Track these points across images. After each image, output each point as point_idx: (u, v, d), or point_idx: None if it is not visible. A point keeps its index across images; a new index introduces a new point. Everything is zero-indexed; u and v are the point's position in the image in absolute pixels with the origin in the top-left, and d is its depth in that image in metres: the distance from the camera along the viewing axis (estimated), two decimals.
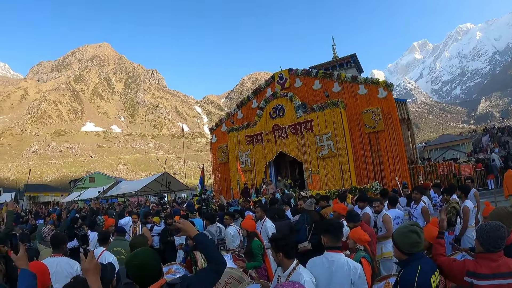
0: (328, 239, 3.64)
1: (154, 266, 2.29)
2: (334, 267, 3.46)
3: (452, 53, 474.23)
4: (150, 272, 2.25)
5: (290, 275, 3.40)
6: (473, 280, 2.81)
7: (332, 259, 3.51)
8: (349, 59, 27.38)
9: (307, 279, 3.28)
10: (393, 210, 7.49)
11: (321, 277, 3.45)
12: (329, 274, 3.45)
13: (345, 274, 3.41)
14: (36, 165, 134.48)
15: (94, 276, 2.24)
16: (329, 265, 3.49)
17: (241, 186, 19.61)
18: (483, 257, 2.86)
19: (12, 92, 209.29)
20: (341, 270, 3.43)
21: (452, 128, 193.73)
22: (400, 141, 17.69)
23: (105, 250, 5.55)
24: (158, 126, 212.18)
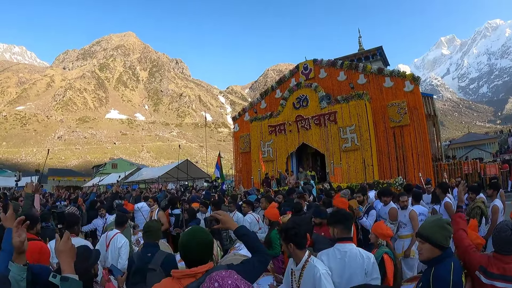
0: (339, 230, 3.52)
1: (211, 244, 2.27)
2: (347, 258, 3.36)
3: (480, 49, 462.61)
4: (207, 251, 2.23)
5: (304, 268, 3.24)
6: (482, 276, 2.74)
7: (345, 250, 3.40)
8: (375, 52, 26.80)
9: (323, 271, 3.12)
10: (417, 206, 7.24)
11: (335, 269, 3.33)
12: (342, 265, 3.35)
13: (358, 264, 3.31)
14: (60, 151, 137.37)
15: (67, 259, 2.11)
16: (342, 256, 3.38)
17: (262, 176, 19.54)
18: (496, 256, 2.77)
19: (38, 79, 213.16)
20: (355, 260, 3.33)
21: (478, 127, 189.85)
22: (425, 137, 17.28)
23: (119, 233, 5.60)
24: (182, 115, 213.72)
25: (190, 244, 2.18)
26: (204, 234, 2.24)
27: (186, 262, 2.19)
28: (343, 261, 3.35)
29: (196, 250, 2.16)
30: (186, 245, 2.19)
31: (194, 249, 2.16)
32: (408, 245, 6.36)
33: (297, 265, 3.30)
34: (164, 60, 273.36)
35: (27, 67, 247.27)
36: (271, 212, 6.12)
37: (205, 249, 2.20)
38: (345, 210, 4.62)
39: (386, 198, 7.10)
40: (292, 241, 3.27)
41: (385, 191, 7.36)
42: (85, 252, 3.10)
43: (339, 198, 6.87)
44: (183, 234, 2.27)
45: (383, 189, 7.89)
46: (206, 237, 2.22)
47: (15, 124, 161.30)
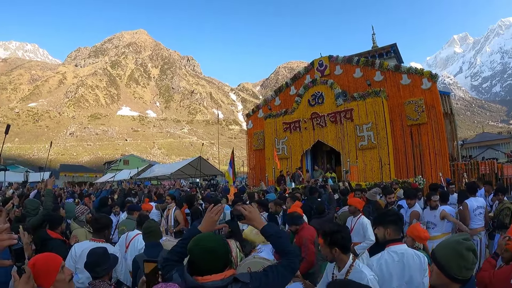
0: (392, 231, 3.37)
1: (221, 252, 2.04)
2: (405, 259, 3.20)
3: (494, 48, 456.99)
4: (212, 259, 2.00)
5: (348, 273, 3.04)
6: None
7: (401, 251, 3.24)
8: (389, 49, 26.32)
9: (370, 277, 2.95)
10: (445, 207, 6.85)
11: (395, 273, 3.16)
12: (401, 267, 3.18)
13: (417, 265, 3.17)
14: (72, 147, 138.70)
15: None
16: (400, 258, 3.21)
17: (276, 174, 19.34)
18: None
19: (51, 76, 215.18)
20: (413, 261, 3.18)
21: (490, 127, 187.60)
22: (443, 136, 16.86)
23: (140, 233, 5.19)
24: (193, 112, 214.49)
25: (193, 251, 2.02)
26: (209, 241, 2.03)
27: (193, 270, 2.01)
28: (402, 263, 3.20)
29: (199, 258, 2.00)
30: (190, 253, 2.04)
31: (198, 257, 2.01)
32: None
33: (340, 270, 3.12)
34: (175, 57, 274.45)
35: (39, 64, 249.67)
36: (296, 210, 5.88)
37: (210, 257, 1.99)
38: (395, 210, 4.39)
39: (411, 200, 6.80)
40: (338, 245, 3.08)
41: (409, 193, 7.03)
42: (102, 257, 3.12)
43: (354, 198, 6.65)
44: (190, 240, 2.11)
45: (409, 190, 7.50)
46: (211, 245, 2.01)
47: (27, 120, 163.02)
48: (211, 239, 2.05)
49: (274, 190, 14.07)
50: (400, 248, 3.29)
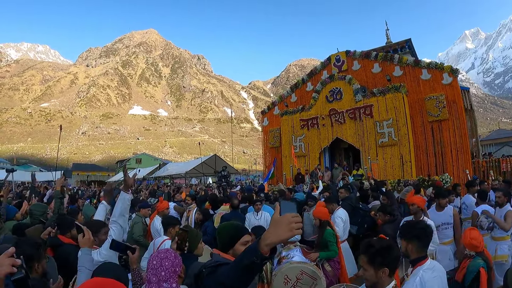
0: (415, 248, 2.96)
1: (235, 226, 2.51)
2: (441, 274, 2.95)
3: (506, 43, 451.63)
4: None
5: None
6: None
7: (436, 267, 2.95)
8: (404, 44, 25.67)
9: None
10: (483, 205, 6.34)
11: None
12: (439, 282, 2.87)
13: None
14: (84, 146, 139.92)
15: None
16: (441, 274, 2.94)
17: (294, 172, 19.04)
18: None
19: (62, 77, 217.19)
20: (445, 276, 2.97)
21: (504, 124, 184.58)
22: (465, 132, 16.38)
23: (167, 239, 4.78)
24: (204, 110, 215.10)
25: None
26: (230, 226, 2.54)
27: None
28: (439, 278, 2.89)
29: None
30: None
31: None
32: (501, 249, 5.63)
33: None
34: (186, 56, 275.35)
35: (51, 65, 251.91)
36: (320, 211, 5.67)
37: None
38: (423, 222, 3.94)
39: (443, 200, 6.08)
40: (389, 265, 2.48)
41: (441, 193, 6.33)
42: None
43: (416, 196, 5.96)
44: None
45: (440, 190, 6.91)
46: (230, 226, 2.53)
47: (40, 120, 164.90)
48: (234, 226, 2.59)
49: (302, 189, 13.78)
50: (433, 264, 2.97)
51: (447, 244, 5.82)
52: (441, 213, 5.93)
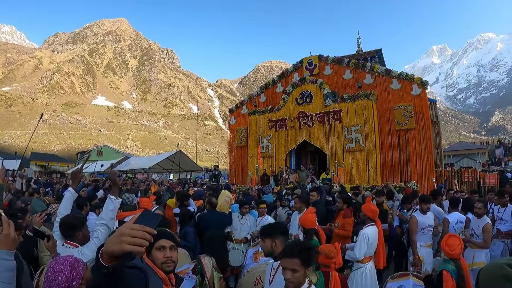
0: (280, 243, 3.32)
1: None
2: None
3: (471, 61, 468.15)
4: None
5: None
6: None
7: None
8: (374, 54, 26.16)
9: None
10: (455, 213, 6.68)
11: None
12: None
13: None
14: (44, 135, 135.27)
15: None
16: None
17: (260, 173, 18.85)
18: None
19: (26, 61, 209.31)
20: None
21: (463, 137, 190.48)
22: (430, 142, 16.86)
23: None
24: (169, 105, 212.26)
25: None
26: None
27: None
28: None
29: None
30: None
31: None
32: (479, 256, 5.86)
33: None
34: (155, 49, 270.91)
35: (15, 47, 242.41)
36: (307, 219, 5.08)
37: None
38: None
39: (425, 205, 6.30)
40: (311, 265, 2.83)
41: (425, 198, 6.52)
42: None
43: (369, 204, 5.98)
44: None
45: (422, 196, 6.94)
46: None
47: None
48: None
49: (271, 190, 13.54)
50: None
51: (429, 247, 6.25)
52: (425, 216, 6.22)
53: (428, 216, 6.25)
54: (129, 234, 1.34)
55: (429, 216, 6.29)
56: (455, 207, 6.92)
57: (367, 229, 5.06)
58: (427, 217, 6.24)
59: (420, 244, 6.10)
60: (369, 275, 4.96)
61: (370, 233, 4.98)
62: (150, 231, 1.38)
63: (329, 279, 3.54)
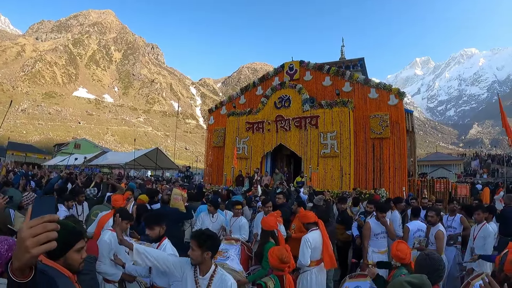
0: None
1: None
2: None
3: (453, 74, 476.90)
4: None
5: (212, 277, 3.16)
6: None
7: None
8: (357, 62, 26.47)
9: (233, 281, 3.18)
10: (415, 221, 6.88)
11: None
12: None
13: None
14: (22, 124, 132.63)
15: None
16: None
17: (235, 173, 18.90)
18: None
19: (9, 47, 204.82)
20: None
21: (441, 148, 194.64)
22: (404, 152, 17.12)
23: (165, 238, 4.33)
24: (151, 101, 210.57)
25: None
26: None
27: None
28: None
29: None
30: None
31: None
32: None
33: (204, 274, 3.19)
34: (140, 43, 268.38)
35: None
36: (266, 221, 5.30)
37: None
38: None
39: (381, 214, 6.47)
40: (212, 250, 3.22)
41: (383, 207, 6.73)
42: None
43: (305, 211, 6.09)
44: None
45: (380, 204, 7.10)
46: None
47: None
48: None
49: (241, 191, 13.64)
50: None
51: (383, 253, 6.37)
52: (379, 223, 6.42)
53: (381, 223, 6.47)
54: (30, 235, 1.18)
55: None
56: (416, 215, 7.16)
57: (308, 235, 5.20)
58: (379, 223, 6.43)
59: (373, 249, 6.28)
60: (315, 278, 5.09)
61: (312, 238, 5.11)
62: (51, 219, 1.24)
63: (283, 282, 3.64)
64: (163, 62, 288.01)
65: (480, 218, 6.41)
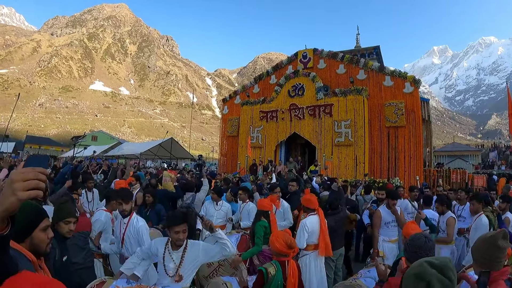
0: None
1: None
2: None
3: (471, 63, 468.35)
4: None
5: (185, 250, 3.48)
6: None
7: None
8: (372, 51, 26.16)
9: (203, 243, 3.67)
10: (427, 210, 6.71)
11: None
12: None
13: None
14: (40, 118, 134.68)
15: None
16: None
17: (249, 162, 18.89)
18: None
19: (25, 43, 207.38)
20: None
21: (459, 139, 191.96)
22: (420, 141, 16.92)
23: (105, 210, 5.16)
24: (167, 93, 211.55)
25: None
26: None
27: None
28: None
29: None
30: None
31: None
32: (444, 253, 5.88)
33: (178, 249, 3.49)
34: (154, 35, 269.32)
35: (14, 29, 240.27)
36: (261, 203, 5.48)
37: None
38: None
39: (393, 201, 6.27)
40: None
41: (395, 194, 6.55)
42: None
43: (309, 194, 6.20)
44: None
45: (391, 191, 6.96)
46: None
47: None
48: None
49: (249, 179, 13.63)
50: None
51: (394, 242, 6.17)
52: (389, 211, 6.19)
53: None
54: (21, 179, 1.16)
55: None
56: (428, 204, 6.99)
57: (307, 219, 5.25)
58: (391, 212, 6.26)
59: (383, 238, 6.11)
60: (313, 262, 5.13)
61: (309, 223, 5.15)
62: (42, 171, 1.22)
63: (285, 268, 3.59)
64: (178, 54, 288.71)
65: (475, 209, 6.11)
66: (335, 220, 5.92)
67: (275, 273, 3.49)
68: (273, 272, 3.49)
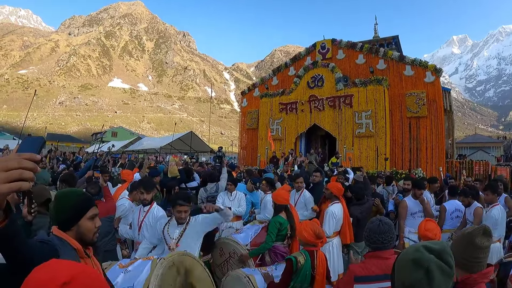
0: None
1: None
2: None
3: (492, 53, 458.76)
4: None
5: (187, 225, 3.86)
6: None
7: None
8: (391, 40, 25.64)
9: (202, 215, 3.94)
10: (453, 201, 6.46)
11: None
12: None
13: None
14: (61, 116, 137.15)
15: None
16: None
17: (269, 155, 18.85)
18: (374, 255, 2.69)
19: (43, 44, 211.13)
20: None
21: (480, 130, 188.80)
22: (442, 131, 16.56)
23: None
24: (185, 88, 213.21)
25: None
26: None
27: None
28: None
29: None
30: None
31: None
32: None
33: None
34: (171, 32, 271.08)
35: (32, 31, 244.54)
36: (278, 194, 5.03)
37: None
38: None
39: (419, 191, 6.10)
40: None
41: (421, 183, 6.34)
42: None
43: (335, 183, 6.12)
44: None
45: (418, 181, 6.77)
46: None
47: (17, 87, 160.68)
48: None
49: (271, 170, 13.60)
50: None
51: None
52: (417, 201, 6.05)
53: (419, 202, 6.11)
54: (1, 168, 1.00)
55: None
56: (454, 195, 6.67)
57: (333, 207, 5.34)
58: (418, 202, 6.08)
59: (409, 229, 5.92)
60: (336, 249, 5.25)
61: (336, 210, 5.28)
62: (30, 157, 1.06)
63: (314, 257, 3.55)
64: (195, 49, 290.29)
65: (489, 199, 5.78)
66: (361, 210, 5.90)
67: (304, 262, 3.45)
68: (302, 261, 3.45)
